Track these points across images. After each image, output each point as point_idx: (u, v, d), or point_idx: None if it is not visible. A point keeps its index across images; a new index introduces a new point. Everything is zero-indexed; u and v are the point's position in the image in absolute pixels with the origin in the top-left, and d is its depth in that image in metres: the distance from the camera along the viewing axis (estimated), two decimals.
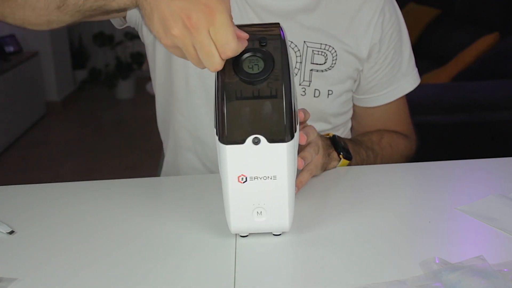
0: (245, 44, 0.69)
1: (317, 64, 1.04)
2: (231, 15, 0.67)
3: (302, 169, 0.89)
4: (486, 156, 1.04)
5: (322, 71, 1.04)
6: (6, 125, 3.59)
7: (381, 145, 1.10)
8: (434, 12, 3.73)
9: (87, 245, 0.77)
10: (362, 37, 1.05)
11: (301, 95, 1.05)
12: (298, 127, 0.77)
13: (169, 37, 0.67)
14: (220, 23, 0.66)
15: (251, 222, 0.73)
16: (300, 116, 0.85)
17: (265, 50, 0.71)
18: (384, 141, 1.11)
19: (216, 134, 0.69)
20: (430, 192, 0.91)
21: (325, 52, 1.04)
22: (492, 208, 0.84)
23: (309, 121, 0.90)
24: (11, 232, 0.80)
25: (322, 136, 0.96)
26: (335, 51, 1.04)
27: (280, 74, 0.70)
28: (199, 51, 0.67)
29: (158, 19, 0.68)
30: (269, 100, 0.69)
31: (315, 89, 1.05)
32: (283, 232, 0.77)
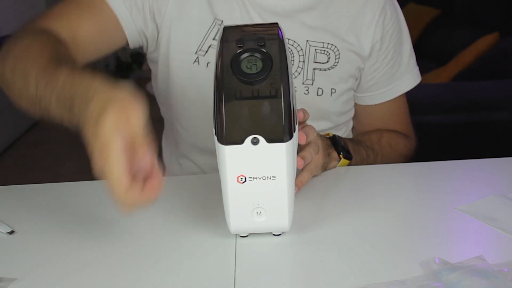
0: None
1: (320, 63, 1.04)
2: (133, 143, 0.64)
3: (302, 168, 0.89)
4: (486, 156, 1.04)
5: (325, 69, 1.05)
6: (6, 125, 3.59)
7: (381, 144, 1.10)
8: (434, 12, 3.73)
9: (87, 245, 0.77)
10: (364, 35, 1.05)
11: (304, 93, 1.05)
12: (297, 127, 0.77)
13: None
14: (110, 162, 0.63)
15: (250, 222, 0.73)
16: (299, 116, 0.85)
17: (264, 50, 0.71)
18: (384, 141, 1.11)
19: (215, 134, 0.69)
20: (430, 192, 0.91)
21: (327, 51, 1.04)
22: (492, 208, 0.84)
23: (312, 120, 0.90)
24: (11, 232, 0.80)
25: (322, 136, 0.96)
26: (337, 49, 1.04)
27: (278, 74, 0.70)
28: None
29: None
30: (267, 100, 0.69)
31: (318, 88, 1.05)
32: (283, 232, 0.77)
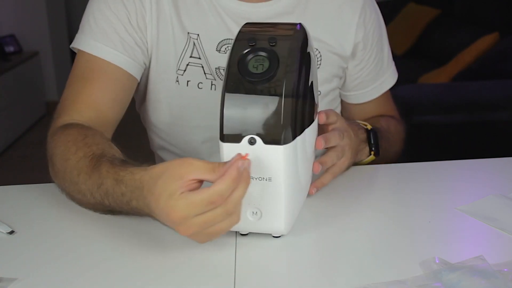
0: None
1: None
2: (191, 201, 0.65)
3: (326, 171, 0.88)
4: (486, 156, 1.04)
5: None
6: (6, 125, 3.59)
7: (391, 133, 1.10)
8: (434, 12, 3.73)
9: (87, 245, 0.77)
10: (344, 36, 1.05)
11: None
12: (308, 130, 0.76)
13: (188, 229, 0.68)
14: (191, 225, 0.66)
15: (247, 221, 0.73)
16: (320, 118, 0.85)
17: (271, 50, 0.71)
18: (392, 129, 1.11)
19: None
20: (430, 192, 0.91)
21: None
22: (492, 208, 0.84)
23: None
24: (11, 232, 0.80)
25: (359, 129, 0.97)
26: (319, 52, 1.03)
27: (283, 75, 0.70)
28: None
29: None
30: (267, 101, 0.69)
31: None
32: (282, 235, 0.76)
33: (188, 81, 1.01)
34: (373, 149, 0.99)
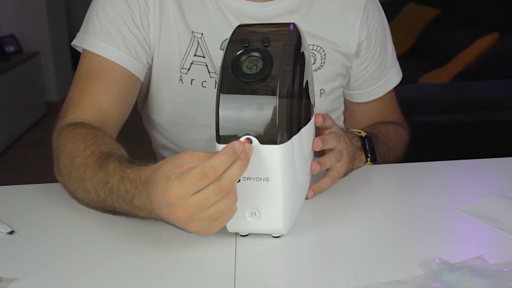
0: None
1: None
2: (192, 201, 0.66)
3: (324, 175, 0.89)
4: (486, 156, 1.04)
5: (313, 71, 1.04)
6: (6, 125, 3.59)
7: (390, 137, 1.10)
8: (434, 12, 3.73)
9: (87, 245, 0.77)
10: (348, 35, 1.05)
11: None
12: (304, 129, 0.77)
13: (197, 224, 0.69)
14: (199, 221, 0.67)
15: (246, 222, 0.73)
16: (317, 120, 0.85)
17: (265, 50, 0.71)
18: (391, 133, 1.11)
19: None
20: (430, 192, 0.91)
21: (313, 53, 1.03)
22: (492, 208, 0.84)
23: None
24: (11, 232, 0.80)
25: (354, 137, 0.97)
26: (323, 50, 1.04)
27: (277, 74, 0.70)
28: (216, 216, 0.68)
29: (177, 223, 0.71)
30: (262, 101, 0.69)
31: None
32: (282, 235, 0.76)
33: (192, 80, 1.02)
34: (369, 156, 0.99)
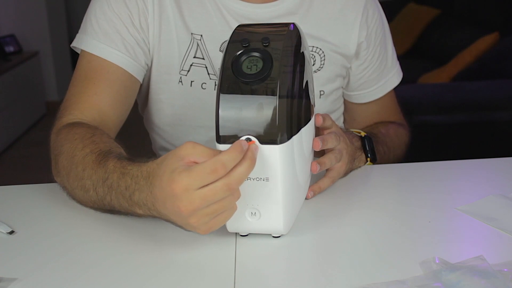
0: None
1: None
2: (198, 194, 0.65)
3: (324, 175, 0.89)
4: (486, 156, 1.04)
5: (313, 72, 1.04)
6: (6, 125, 3.59)
7: (390, 137, 1.10)
8: (434, 12, 3.73)
9: (87, 245, 0.78)
10: (348, 36, 1.05)
11: None
12: (304, 129, 0.77)
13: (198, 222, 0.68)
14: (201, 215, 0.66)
15: (246, 222, 0.73)
16: (317, 120, 0.85)
17: (265, 50, 0.71)
18: (391, 133, 1.11)
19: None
20: (430, 192, 0.91)
21: (313, 54, 1.03)
22: (492, 208, 0.84)
23: None
24: (11, 232, 0.80)
25: (354, 137, 0.97)
26: (322, 52, 1.04)
27: (277, 74, 0.70)
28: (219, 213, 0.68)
29: (178, 225, 0.71)
30: (262, 101, 0.69)
31: None
32: (282, 235, 0.76)
33: (192, 82, 1.01)
34: (369, 156, 0.99)
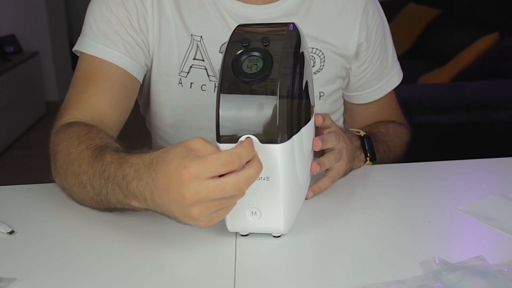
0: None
1: None
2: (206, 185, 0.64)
3: (324, 175, 0.89)
4: (486, 156, 1.04)
5: (312, 74, 1.04)
6: (6, 125, 3.59)
7: (390, 136, 1.10)
8: (434, 12, 3.73)
9: (87, 245, 0.78)
10: (347, 37, 1.05)
11: None
12: (304, 129, 0.77)
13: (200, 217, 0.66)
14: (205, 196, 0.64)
15: (246, 221, 0.73)
16: (317, 120, 0.85)
17: (265, 50, 0.71)
18: (391, 132, 1.11)
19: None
20: (430, 192, 0.91)
21: (313, 56, 1.03)
22: (492, 208, 0.84)
23: None
24: (11, 232, 0.80)
25: (353, 137, 0.97)
26: (322, 53, 1.03)
27: (277, 74, 0.70)
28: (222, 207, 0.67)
29: (175, 218, 0.69)
30: (262, 100, 0.69)
31: None
32: (283, 234, 0.76)
33: (192, 83, 1.01)
34: (368, 155, 0.99)
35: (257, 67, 0.70)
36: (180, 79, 1.01)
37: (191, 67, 1.01)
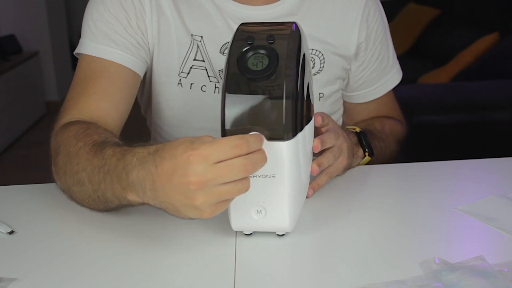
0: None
1: None
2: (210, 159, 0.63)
3: (322, 171, 0.88)
4: (486, 156, 1.04)
5: (312, 75, 1.04)
6: (6, 125, 3.59)
7: (386, 133, 1.10)
8: (434, 12, 3.73)
9: (87, 244, 0.78)
10: (347, 37, 1.05)
11: None
12: (307, 127, 0.77)
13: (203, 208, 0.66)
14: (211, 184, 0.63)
15: (251, 220, 0.73)
16: (317, 120, 0.85)
17: (270, 47, 0.71)
18: (387, 129, 1.11)
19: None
20: (430, 192, 0.91)
21: (312, 57, 1.03)
22: (492, 208, 0.84)
23: None
24: (11, 232, 0.80)
25: (350, 134, 0.97)
26: (322, 54, 1.03)
27: (283, 71, 0.70)
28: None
29: (175, 210, 0.68)
30: (268, 97, 0.69)
31: None
32: (287, 232, 0.76)
33: (192, 84, 1.01)
34: (366, 150, 0.99)
35: (262, 64, 0.70)
36: (180, 79, 1.01)
37: (191, 68, 1.01)
